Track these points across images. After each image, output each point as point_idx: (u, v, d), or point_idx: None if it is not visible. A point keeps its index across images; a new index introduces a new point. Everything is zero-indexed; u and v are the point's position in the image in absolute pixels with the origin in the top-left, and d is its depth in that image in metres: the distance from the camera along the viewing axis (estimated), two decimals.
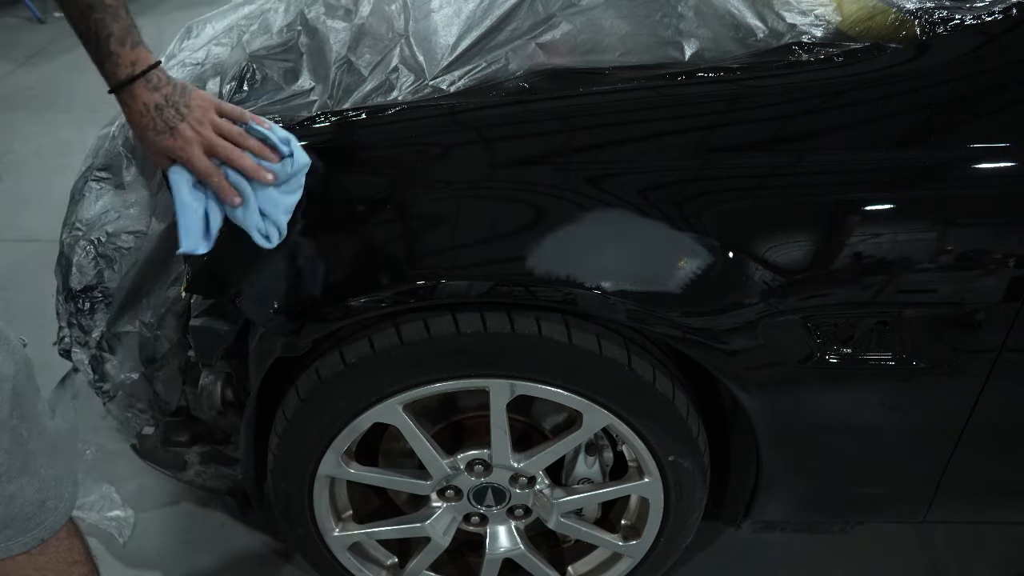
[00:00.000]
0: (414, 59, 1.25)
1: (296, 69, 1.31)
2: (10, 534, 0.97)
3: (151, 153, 1.02)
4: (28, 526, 0.98)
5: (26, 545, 0.98)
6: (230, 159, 1.00)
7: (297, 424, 1.26)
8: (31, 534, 0.98)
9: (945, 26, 1.11)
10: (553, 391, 1.22)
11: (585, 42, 1.24)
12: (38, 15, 4.87)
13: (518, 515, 1.42)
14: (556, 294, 1.11)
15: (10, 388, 0.92)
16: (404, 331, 1.16)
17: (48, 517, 0.99)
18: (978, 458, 1.30)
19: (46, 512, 0.99)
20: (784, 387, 1.20)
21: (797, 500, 1.39)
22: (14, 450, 0.93)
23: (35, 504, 0.98)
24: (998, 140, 1.09)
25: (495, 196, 1.13)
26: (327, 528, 1.40)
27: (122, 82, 0.96)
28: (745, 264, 1.10)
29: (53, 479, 1.00)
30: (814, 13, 1.23)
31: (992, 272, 1.11)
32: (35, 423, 0.97)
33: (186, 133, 0.98)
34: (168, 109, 0.98)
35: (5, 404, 0.92)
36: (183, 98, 0.99)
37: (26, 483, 0.96)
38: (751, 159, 1.11)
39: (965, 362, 1.18)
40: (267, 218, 1.06)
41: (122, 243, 1.46)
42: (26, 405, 0.95)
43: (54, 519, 1.00)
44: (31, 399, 0.97)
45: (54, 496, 1.00)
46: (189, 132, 0.98)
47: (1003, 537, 1.76)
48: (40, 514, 0.98)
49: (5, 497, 0.94)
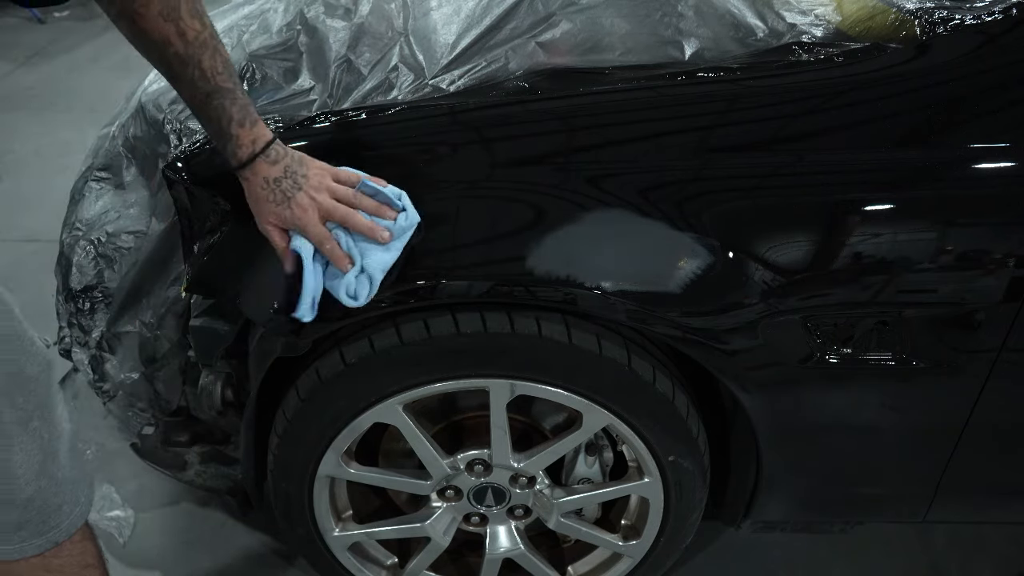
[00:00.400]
0: (414, 58, 1.25)
1: (296, 68, 1.31)
2: (25, 536, 0.97)
3: (264, 222, 1.03)
4: (43, 528, 0.98)
5: (40, 547, 0.98)
6: (345, 220, 1.01)
7: (297, 424, 1.26)
8: (46, 536, 0.98)
9: (945, 26, 1.11)
10: (553, 391, 1.22)
11: (585, 41, 1.24)
12: (38, 16, 4.87)
13: (518, 515, 1.42)
14: (556, 294, 1.11)
15: (34, 389, 0.93)
16: (404, 331, 1.16)
17: (64, 520, 0.99)
18: (978, 458, 1.30)
19: (62, 515, 0.99)
20: (784, 387, 1.20)
21: (797, 500, 1.39)
22: (34, 453, 0.93)
23: (52, 507, 0.98)
24: (998, 140, 1.09)
25: (495, 196, 1.13)
26: (327, 528, 1.40)
27: (244, 162, 0.99)
28: (745, 264, 1.10)
29: (70, 482, 1.00)
30: (814, 13, 1.23)
31: (992, 272, 1.10)
32: (56, 425, 0.97)
33: (303, 201, 1.00)
34: (286, 180, 0.99)
35: (28, 406, 0.92)
36: (300, 168, 1.01)
37: (44, 486, 0.96)
38: (751, 159, 1.11)
39: (965, 362, 1.18)
40: (361, 274, 1.04)
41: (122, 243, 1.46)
42: (48, 407, 0.95)
43: (70, 522, 1.00)
44: (53, 401, 0.97)
45: (70, 500, 1.00)
46: (306, 200, 1.00)
47: (1003, 537, 1.76)
48: (56, 517, 0.98)
49: (22, 500, 0.94)
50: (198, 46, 0.93)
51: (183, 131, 1.33)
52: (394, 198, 1.04)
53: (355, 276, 1.03)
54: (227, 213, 1.19)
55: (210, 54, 0.94)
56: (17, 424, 0.91)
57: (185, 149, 1.22)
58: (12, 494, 0.93)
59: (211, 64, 0.94)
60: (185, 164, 1.18)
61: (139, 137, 1.47)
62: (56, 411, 0.98)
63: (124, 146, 1.55)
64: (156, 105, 1.42)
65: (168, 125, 1.36)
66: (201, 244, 1.22)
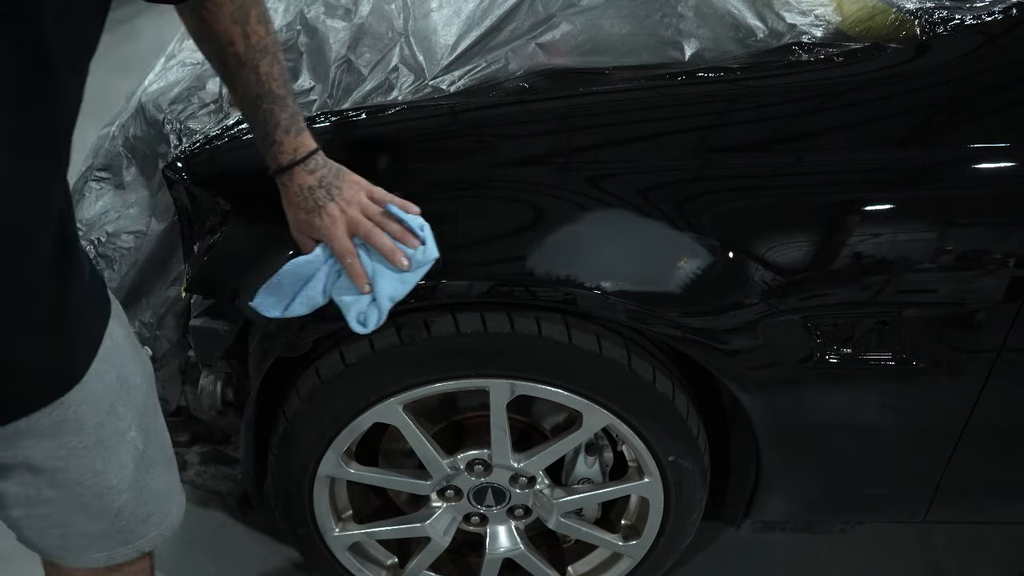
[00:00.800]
0: (414, 59, 1.25)
1: (296, 68, 1.31)
2: (113, 543, 0.96)
3: (295, 229, 1.04)
4: (131, 537, 0.97)
5: (127, 556, 0.98)
6: (369, 237, 1.01)
7: (297, 424, 1.26)
8: (132, 545, 0.98)
9: (945, 26, 1.11)
10: (553, 391, 1.22)
11: (585, 42, 1.24)
12: None
13: (518, 515, 1.42)
14: (556, 294, 1.11)
15: (134, 400, 0.92)
16: (404, 331, 1.16)
17: (151, 531, 0.99)
18: (978, 458, 1.30)
19: (149, 525, 0.98)
20: (784, 387, 1.20)
21: (797, 500, 1.39)
22: (128, 464, 0.93)
23: (140, 517, 0.96)
24: (998, 140, 1.09)
25: (495, 196, 1.13)
26: (327, 528, 1.40)
27: (283, 168, 1.00)
28: (745, 264, 1.10)
29: (163, 494, 0.99)
30: (814, 13, 1.23)
31: (992, 272, 1.11)
32: (155, 436, 0.97)
33: (333, 212, 1.00)
34: (320, 190, 1.00)
35: (128, 416, 0.91)
36: (336, 180, 1.02)
37: (135, 496, 0.95)
38: (751, 159, 1.11)
39: (965, 362, 1.18)
40: (373, 303, 1.04)
41: (122, 243, 1.45)
42: (146, 417, 0.95)
43: (157, 533, 0.99)
44: (153, 411, 0.97)
45: (159, 510, 0.99)
46: (336, 211, 1.00)
47: (1003, 537, 1.76)
48: (143, 527, 0.98)
49: (114, 509, 0.93)
50: (259, 51, 0.94)
51: (183, 131, 1.33)
52: (416, 228, 1.03)
53: (367, 304, 1.03)
54: (227, 213, 1.19)
55: (269, 60, 0.95)
56: (116, 435, 0.90)
57: (185, 149, 1.22)
58: (106, 503, 0.92)
59: (268, 70, 0.95)
60: (185, 164, 1.18)
61: (139, 137, 1.47)
62: (154, 422, 0.98)
63: (124, 146, 1.55)
64: (156, 105, 1.42)
65: (168, 125, 1.36)
66: (201, 244, 1.22)
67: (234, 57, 0.94)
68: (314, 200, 1.00)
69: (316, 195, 1.00)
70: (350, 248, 1.01)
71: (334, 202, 1.01)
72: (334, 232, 1.01)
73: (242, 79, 0.95)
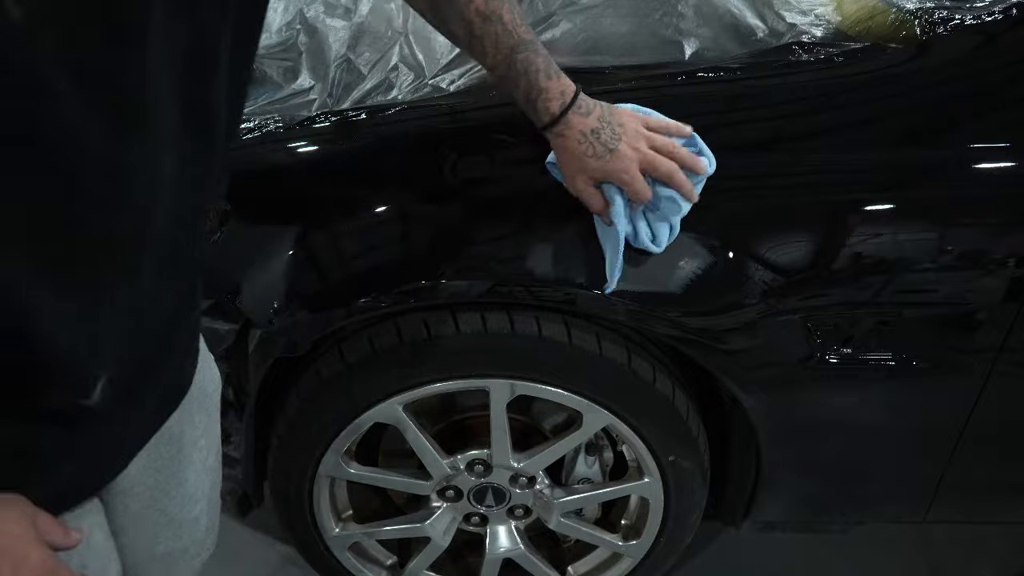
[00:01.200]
0: (414, 58, 1.25)
1: (295, 68, 1.31)
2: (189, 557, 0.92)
3: (579, 182, 0.97)
4: (201, 551, 0.94)
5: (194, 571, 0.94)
6: (669, 175, 0.95)
7: (297, 424, 1.26)
8: (200, 559, 0.94)
9: (945, 26, 1.11)
10: (553, 391, 1.22)
11: (585, 41, 1.23)
12: None
13: (518, 515, 1.42)
14: (556, 294, 1.11)
15: (207, 408, 0.87)
16: (404, 331, 1.16)
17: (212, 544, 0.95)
18: (978, 458, 1.30)
19: (188, 557, 0.93)
20: (784, 387, 1.20)
21: (797, 500, 1.39)
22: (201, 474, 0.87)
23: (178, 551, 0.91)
24: (998, 140, 1.09)
25: (495, 196, 1.13)
26: (327, 528, 1.40)
27: (556, 116, 0.93)
28: (745, 264, 1.10)
29: (210, 528, 0.94)
30: (814, 13, 1.23)
31: (992, 272, 1.10)
32: (216, 444, 0.92)
33: (627, 152, 0.94)
34: (604, 131, 0.94)
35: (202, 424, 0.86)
36: (613, 117, 0.95)
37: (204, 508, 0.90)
38: (751, 159, 1.11)
39: (965, 362, 1.18)
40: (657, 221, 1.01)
41: None
42: (213, 425, 0.90)
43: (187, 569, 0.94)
44: (216, 419, 0.92)
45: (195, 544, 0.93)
46: (629, 151, 0.94)
47: (1003, 537, 1.76)
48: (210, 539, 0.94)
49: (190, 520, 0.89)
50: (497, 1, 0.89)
51: None
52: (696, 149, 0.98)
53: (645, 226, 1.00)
54: (227, 213, 1.19)
55: (509, 6, 0.90)
56: (191, 444, 0.85)
57: None
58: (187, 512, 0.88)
59: (511, 17, 0.90)
60: None
61: None
62: (216, 430, 0.92)
63: None
64: None
65: None
66: None
67: (478, 14, 0.89)
68: (602, 144, 0.93)
69: (602, 137, 0.93)
70: (648, 190, 0.96)
71: (623, 141, 0.94)
72: (633, 175, 0.94)
73: (491, 35, 0.90)
